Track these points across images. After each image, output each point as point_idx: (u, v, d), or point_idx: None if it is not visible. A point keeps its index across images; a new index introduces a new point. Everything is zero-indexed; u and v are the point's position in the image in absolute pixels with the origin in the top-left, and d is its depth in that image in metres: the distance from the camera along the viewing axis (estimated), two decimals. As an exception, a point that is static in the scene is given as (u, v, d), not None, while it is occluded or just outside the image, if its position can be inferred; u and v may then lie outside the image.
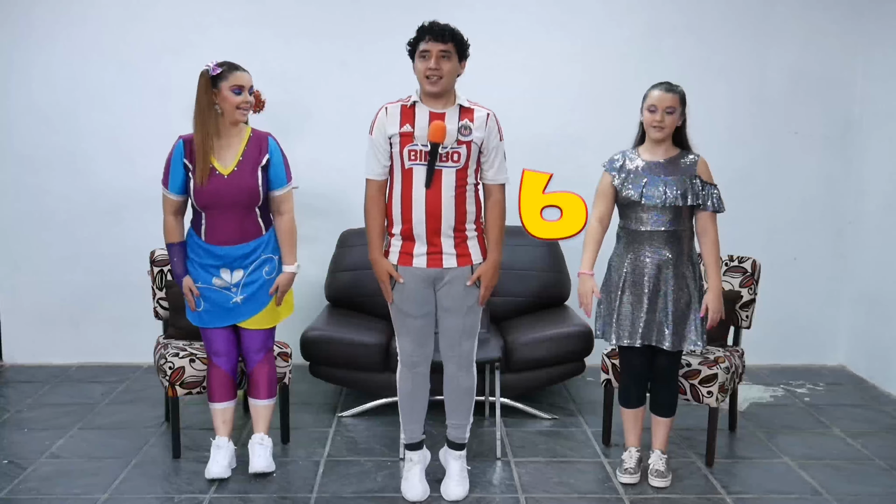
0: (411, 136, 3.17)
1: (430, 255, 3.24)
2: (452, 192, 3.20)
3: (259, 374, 3.62)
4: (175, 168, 3.44)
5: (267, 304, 3.56)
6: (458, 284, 3.28)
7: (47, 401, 4.58)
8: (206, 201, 3.42)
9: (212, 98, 3.39)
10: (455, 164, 3.19)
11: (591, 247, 3.51)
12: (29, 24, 4.96)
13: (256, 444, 3.62)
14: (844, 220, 5.25)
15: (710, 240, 3.43)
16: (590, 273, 3.48)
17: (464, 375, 3.41)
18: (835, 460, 3.85)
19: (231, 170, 3.41)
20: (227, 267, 3.49)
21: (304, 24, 5.01)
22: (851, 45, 5.10)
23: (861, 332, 5.18)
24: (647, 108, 3.38)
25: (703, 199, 3.37)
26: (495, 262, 3.32)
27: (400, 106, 3.23)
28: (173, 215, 3.51)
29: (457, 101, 3.23)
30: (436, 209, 3.19)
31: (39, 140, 5.06)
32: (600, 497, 3.46)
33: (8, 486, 3.50)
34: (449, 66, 3.14)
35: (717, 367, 3.70)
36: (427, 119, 3.18)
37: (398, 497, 3.43)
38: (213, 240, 3.47)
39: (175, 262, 3.53)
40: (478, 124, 3.21)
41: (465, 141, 3.19)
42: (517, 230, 3.55)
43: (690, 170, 3.39)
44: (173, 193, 3.47)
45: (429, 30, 3.16)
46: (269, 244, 3.54)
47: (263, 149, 3.48)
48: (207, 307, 3.53)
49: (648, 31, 5.07)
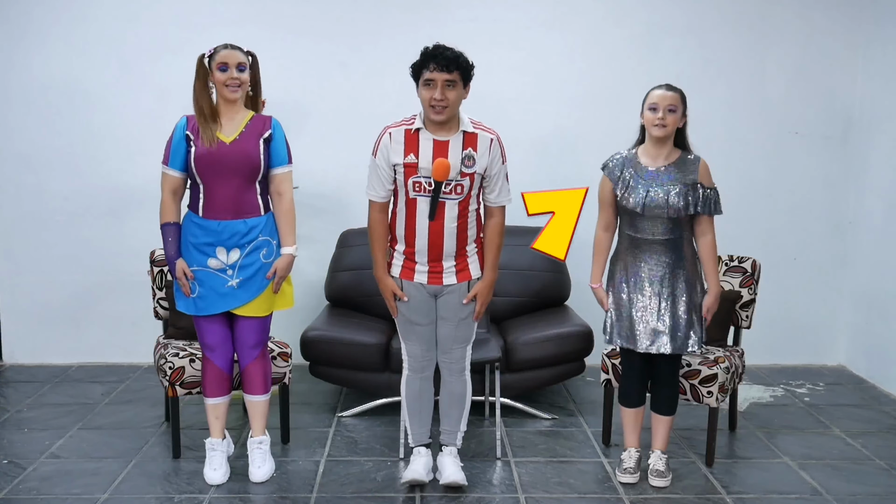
0: (415, 167, 3.20)
1: (431, 273, 3.33)
2: (455, 223, 3.26)
3: (254, 370, 3.57)
4: (177, 142, 3.40)
5: (263, 290, 3.48)
6: (456, 296, 3.36)
7: (47, 401, 4.58)
8: (205, 166, 3.35)
9: (205, 80, 3.42)
10: (458, 196, 3.24)
11: (600, 258, 3.55)
12: (29, 24, 4.96)
13: (255, 448, 3.60)
14: (844, 220, 5.25)
15: (709, 242, 3.44)
16: (599, 285, 3.55)
17: (455, 381, 3.47)
18: (835, 460, 3.85)
19: (233, 138, 3.39)
20: (223, 245, 3.41)
21: (303, 24, 5.01)
22: (851, 45, 5.10)
23: (861, 332, 5.18)
24: (649, 107, 3.37)
25: (703, 205, 3.37)
26: (490, 281, 3.39)
27: (403, 130, 3.23)
28: (171, 194, 3.45)
29: (460, 128, 3.23)
30: (438, 238, 3.26)
31: (39, 140, 5.06)
32: (600, 497, 3.46)
33: (8, 486, 3.50)
34: (454, 94, 3.14)
35: (717, 367, 3.70)
36: (431, 149, 3.19)
37: (398, 497, 3.44)
38: (210, 213, 3.40)
39: (169, 242, 3.45)
40: (481, 151, 3.23)
41: (469, 173, 3.22)
42: (516, 230, 3.56)
43: (692, 175, 3.38)
44: (173, 169, 3.42)
45: (433, 57, 3.12)
46: (266, 226, 3.47)
47: (266, 125, 3.46)
48: (202, 292, 3.44)
49: (648, 31, 5.07)
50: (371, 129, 3.63)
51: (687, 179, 3.37)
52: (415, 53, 3.24)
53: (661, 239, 3.40)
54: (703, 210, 3.38)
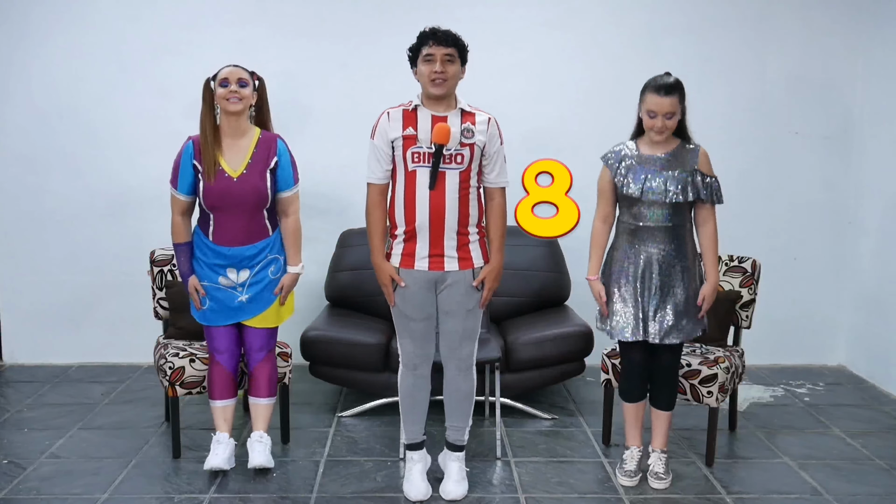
0: (414, 138, 3.21)
1: (431, 257, 3.27)
2: (456, 195, 3.23)
3: (260, 373, 3.64)
4: (184, 169, 3.48)
5: (271, 304, 3.60)
6: (458, 287, 3.30)
7: (47, 401, 4.58)
8: (214, 202, 3.46)
9: (211, 103, 3.47)
10: (459, 165, 3.21)
11: (598, 250, 3.54)
12: (28, 24, 4.96)
13: (255, 441, 3.63)
14: (844, 220, 5.25)
15: (709, 231, 3.43)
16: (596, 278, 3.53)
17: (463, 378, 3.44)
18: (835, 460, 3.85)
19: (240, 172, 3.45)
20: (234, 267, 3.53)
21: (303, 24, 5.02)
22: (851, 46, 5.10)
23: (861, 332, 5.18)
24: (647, 112, 3.35)
25: (703, 192, 3.37)
26: (499, 264, 3.36)
27: (402, 110, 3.26)
28: (181, 215, 3.55)
29: (458, 106, 3.26)
30: (440, 210, 3.21)
31: (39, 140, 5.06)
32: (600, 497, 3.46)
33: (8, 486, 3.50)
34: (453, 69, 3.19)
35: (717, 367, 3.70)
36: (430, 122, 3.21)
37: (398, 497, 3.44)
38: (221, 241, 3.50)
39: (182, 261, 3.58)
40: (479, 128, 3.25)
41: (468, 143, 3.22)
42: (516, 230, 3.56)
43: (691, 163, 3.37)
44: (182, 194, 3.51)
45: (431, 35, 3.20)
46: (275, 245, 3.58)
47: (272, 151, 3.51)
48: (213, 306, 3.56)
49: (648, 31, 5.07)
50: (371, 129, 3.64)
51: (687, 167, 3.37)
52: (415, 54, 3.26)
53: (661, 226, 3.38)
54: (704, 197, 3.37)
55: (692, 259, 3.45)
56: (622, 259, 3.47)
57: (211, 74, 3.50)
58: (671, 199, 3.33)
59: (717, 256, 3.51)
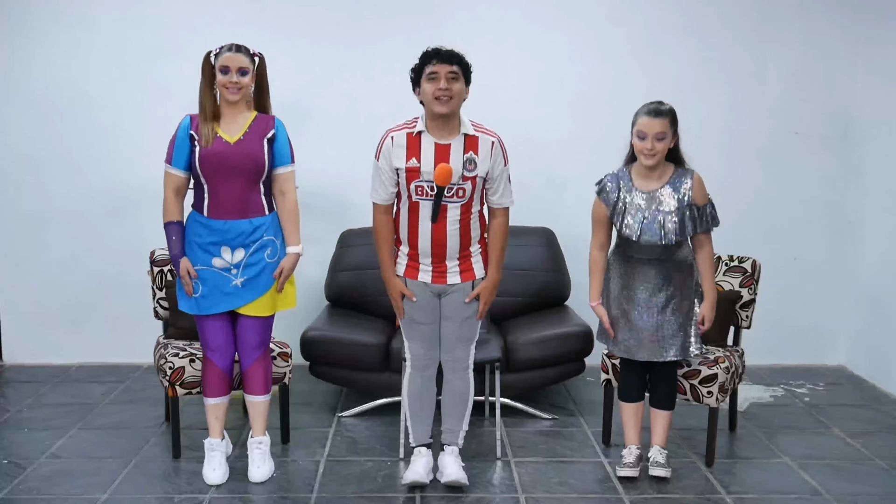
0: (417, 171, 3.23)
1: (435, 273, 3.35)
2: (458, 225, 3.28)
3: (255, 371, 3.58)
4: (180, 141, 3.41)
5: (268, 290, 3.50)
6: (459, 295, 3.38)
7: (47, 401, 4.58)
8: (211, 167, 3.37)
9: (210, 78, 3.42)
10: (460, 199, 3.26)
11: (597, 276, 3.56)
12: (28, 24, 4.96)
13: (255, 448, 3.60)
14: (844, 220, 5.24)
15: (706, 253, 3.46)
16: (598, 303, 3.56)
17: (457, 380, 3.48)
18: (835, 460, 3.85)
19: (237, 138, 3.40)
20: (228, 245, 3.43)
21: (304, 24, 5.01)
22: (851, 45, 5.10)
23: (861, 332, 5.17)
24: (637, 133, 3.33)
25: (699, 226, 3.38)
26: (494, 281, 3.41)
27: (405, 134, 3.26)
28: (174, 193, 3.45)
29: (462, 130, 3.26)
30: (441, 240, 3.28)
31: (39, 140, 5.06)
32: (600, 497, 3.46)
33: (8, 486, 3.50)
34: (457, 86, 3.19)
35: (717, 367, 3.70)
36: (433, 153, 3.22)
37: (398, 497, 3.44)
38: (215, 214, 3.42)
39: (173, 241, 3.45)
40: (483, 155, 3.25)
41: (470, 177, 3.24)
42: (517, 230, 3.56)
43: (686, 196, 3.36)
44: (176, 169, 3.43)
45: (435, 54, 3.20)
46: (270, 226, 3.49)
47: (270, 125, 3.48)
48: (205, 291, 3.45)
49: (648, 31, 5.07)
50: (371, 129, 3.64)
51: (682, 199, 3.35)
52: (415, 54, 3.26)
53: (656, 257, 3.42)
54: (700, 230, 3.39)
55: (689, 278, 3.48)
56: (617, 281, 3.51)
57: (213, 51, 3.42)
58: (668, 242, 3.36)
59: (714, 276, 3.53)
